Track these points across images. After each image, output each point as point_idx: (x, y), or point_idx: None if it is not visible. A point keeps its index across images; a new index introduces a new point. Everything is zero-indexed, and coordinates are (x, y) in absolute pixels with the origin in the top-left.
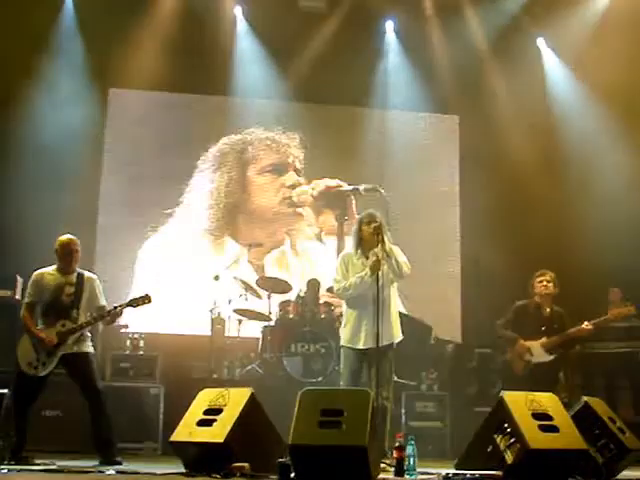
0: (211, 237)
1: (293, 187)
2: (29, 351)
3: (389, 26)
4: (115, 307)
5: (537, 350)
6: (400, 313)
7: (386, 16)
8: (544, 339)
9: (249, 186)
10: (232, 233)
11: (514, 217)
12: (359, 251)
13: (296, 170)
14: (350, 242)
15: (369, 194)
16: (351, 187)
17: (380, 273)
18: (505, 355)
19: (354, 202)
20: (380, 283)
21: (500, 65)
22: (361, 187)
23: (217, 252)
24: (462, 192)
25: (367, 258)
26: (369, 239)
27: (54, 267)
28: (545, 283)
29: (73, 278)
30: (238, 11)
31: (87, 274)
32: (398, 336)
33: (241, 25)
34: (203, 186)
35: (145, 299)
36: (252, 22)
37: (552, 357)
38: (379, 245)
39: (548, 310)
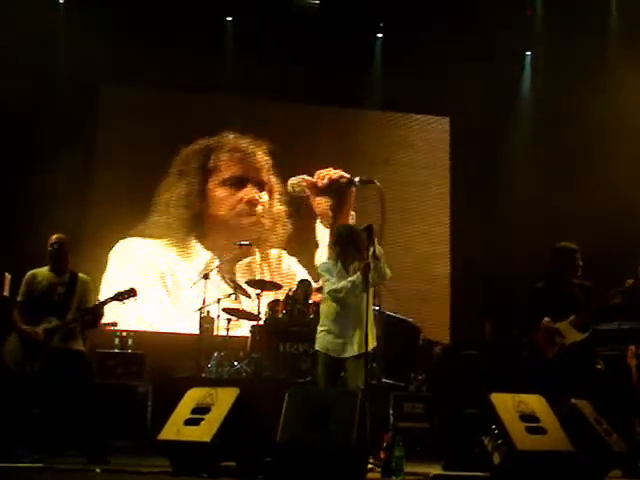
0: (179, 239)
1: (252, 203)
2: (16, 349)
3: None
4: (100, 301)
5: (568, 330)
6: (389, 315)
7: (377, 19)
8: (573, 317)
9: (209, 197)
10: (198, 237)
11: (504, 218)
12: (339, 263)
13: (259, 183)
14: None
15: (364, 186)
16: (346, 179)
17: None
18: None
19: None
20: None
21: (489, 70)
22: (356, 179)
23: (186, 259)
24: (452, 193)
25: (345, 269)
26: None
27: (47, 267)
28: None
29: (66, 278)
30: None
31: (81, 275)
32: (373, 343)
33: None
34: (170, 191)
35: (131, 293)
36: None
37: (587, 334)
38: (371, 247)
39: (569, 285)
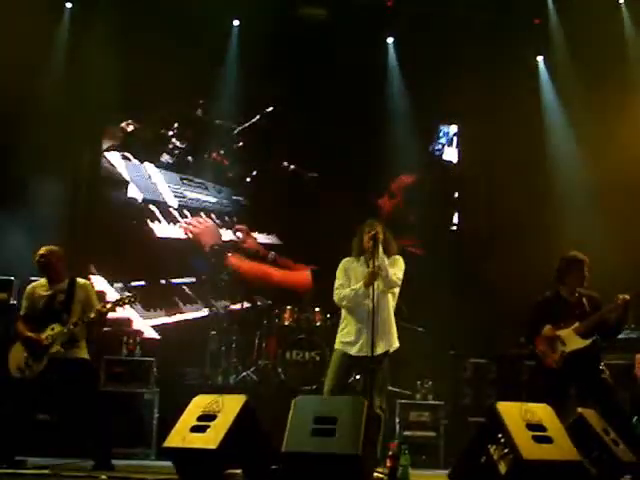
0: None
1: None
2: (19, 356)
3: (390, 40)
4: (101, 310)
5: (570, 337)
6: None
7: (387, 30)
8: (577, 324)
9: None
10: None
11: (512, 227)
12: (362, 258)
13: None
14: None
15: None
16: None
17: (376, 284)
18: (536, 352)
19: None
20: (376, 294)
21: (499, 77)
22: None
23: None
24: (461, 201)
25: (369, 266)
26: (368, 247)
27: (45, 278)
28: None
29: (64, 286)
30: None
31: (80, 280)
32: (394, 345)
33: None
34: None
35: (131, 297)
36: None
37: (589, 341)
38: (374, 257)
39: (576, 295)
